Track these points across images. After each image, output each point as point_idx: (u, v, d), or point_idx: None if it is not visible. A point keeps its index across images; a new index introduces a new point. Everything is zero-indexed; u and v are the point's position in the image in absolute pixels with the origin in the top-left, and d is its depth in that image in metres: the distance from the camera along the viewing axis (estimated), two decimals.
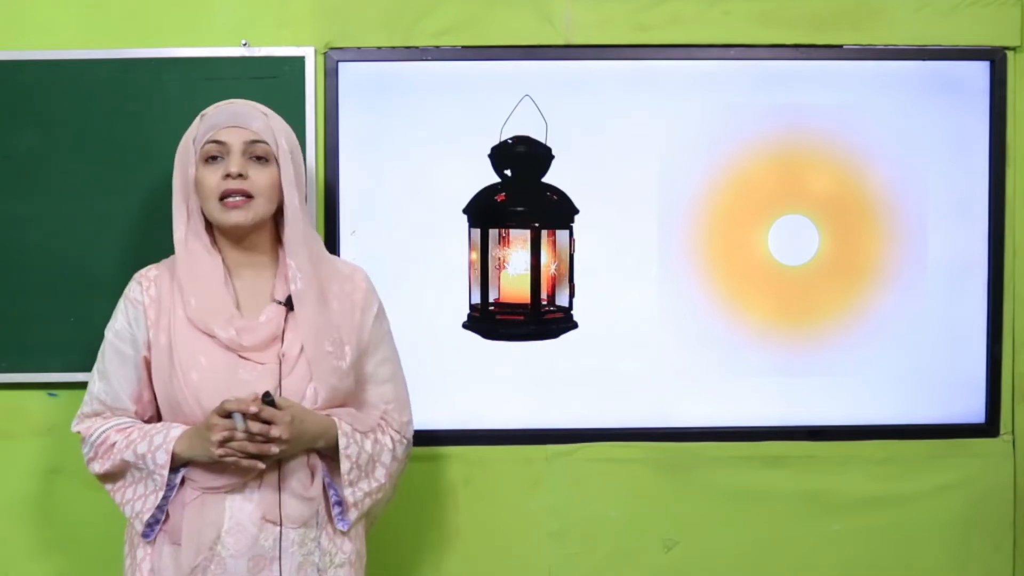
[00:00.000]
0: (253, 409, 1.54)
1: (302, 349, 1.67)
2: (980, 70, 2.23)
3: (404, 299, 2.19)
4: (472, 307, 2.20)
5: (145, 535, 1.66)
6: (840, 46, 2.21)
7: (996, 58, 2.22)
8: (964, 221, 2.24)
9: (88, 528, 2.19)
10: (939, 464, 2.27)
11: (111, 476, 1.69)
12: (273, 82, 2.12)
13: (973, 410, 2.27)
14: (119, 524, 2.16)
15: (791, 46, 2.20)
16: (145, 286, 1.71)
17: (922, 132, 2.22)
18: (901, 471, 2.27)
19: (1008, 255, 2.25)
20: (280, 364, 1.65)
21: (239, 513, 1.63)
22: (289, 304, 1.68)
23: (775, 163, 2.22)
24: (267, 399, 1.57)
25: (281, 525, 1.64)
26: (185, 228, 1.69)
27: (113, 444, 1.67)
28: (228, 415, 1.56)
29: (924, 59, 2.21)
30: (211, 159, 1.67)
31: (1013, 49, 2.23)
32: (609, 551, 2.26)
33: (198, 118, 1.72)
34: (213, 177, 1.66)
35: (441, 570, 2.24)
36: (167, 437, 1.62)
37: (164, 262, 1.76)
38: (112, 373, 1.70)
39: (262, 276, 1.73)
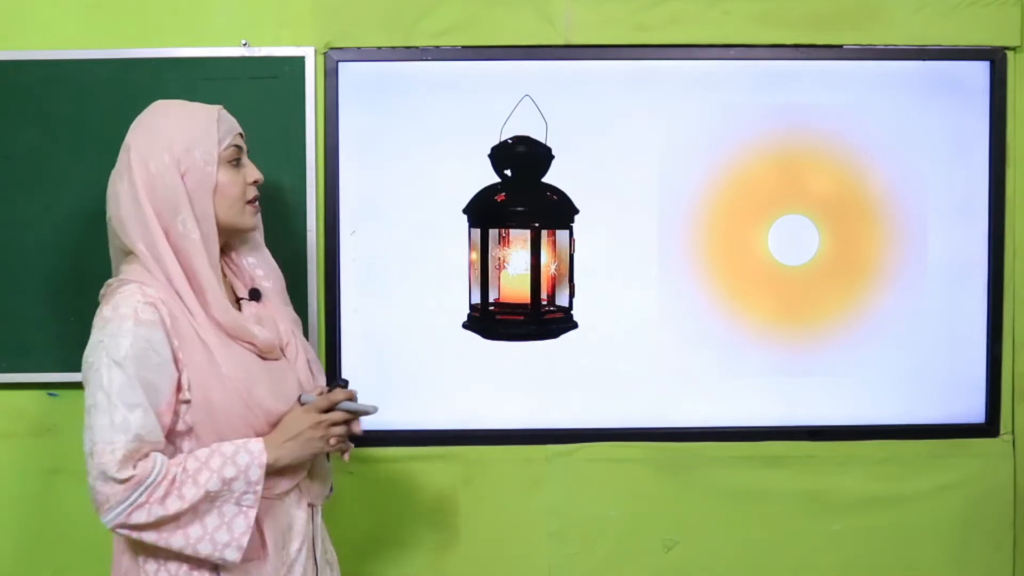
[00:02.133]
0: (353, 392, 1.64)
1: (292, 337, 1.71)
2: (980, 70, 2.23)
3: (404, 299, 2.19)
4: (472, 307, 2.20)
5: (234, 561, 1.52)
6: (840, 46, 2.21)
7: (996, 58, 2.22)
8: (964, 221, 2.24)
9: (88, 528, 2.19)
10: (939, 464, 2.27)
11: (173, 518, 1.48)
12: (273, 82, 2.12)
13: (973, 410, 2.27)
14: None
15: (791, 46, 2.21)
16: (159, 307, 1.52)
17: (922, 132, 2.22)
18: (901, 471, 2.27)
19: (1008, 255, 2.25)
20: (284, 354, 1.68)
21: (293, 507, 1.64)
22: (255, 296, 1.69)
23: (775, 163, 2.22)
24: (342, 382, 1.65)
25: (313, 505, 1.69)
26: (200, 233, 1.56)
27: (174, 479, 1.48)
28: (329, 409, 1.61)
29: (924, 59, 2.21)
30: (233, 162, 1.61)
31: (1013, 49, 2.23)
32: (609, 551, 2.26)
33: (214, 120, 1.59)
34: (239, 181, 1.61)
35: (441, 570, 2.24)
36: (252, 453, 1.52)
37: (144, 280, 1.55)
38: (144, 403, 1.48)
39: (224, 273, 1.69)
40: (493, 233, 2.20)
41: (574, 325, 2.22)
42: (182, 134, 1.57)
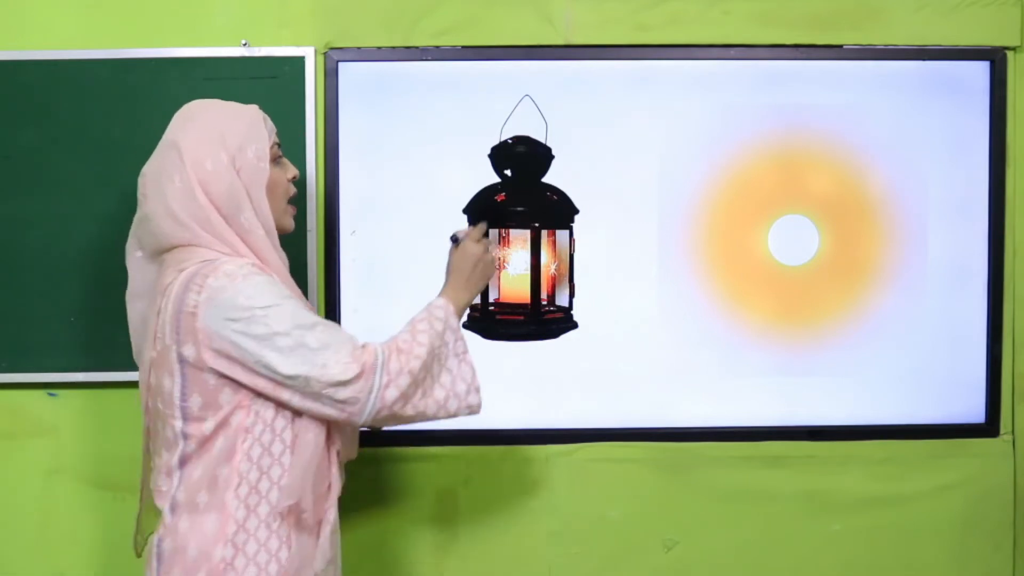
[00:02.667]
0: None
1: None
2: (980, 70, 2.23)
3: (404, 299, 2.18)
4: (472, 307, 2.20)
5: (478, 404, 1.66)
6: (840, 46, 2.21)
7: (996, 58, 2.22)
8: (964, 221, 2.24)
9: (88, 528, 2.19)
10: (939, 464, 2.27)
11: (417, 385, 1.58)
12: (273, 82, 2.12)
13: (973, 410, 2.27)
14: (118, 524, 2.18)
15: (791, 46, 2.21)
16: (264, 270, 1.59)
17: (922, 132, 2.22)
18: (901, 471, 2.27)
19: (1008, 255, 2.25)
20: None
21: (335, 467, 1.67)
22: None
23: (775, 163, 2.22)
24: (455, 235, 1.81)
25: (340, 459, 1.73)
26: (263, 229, 1.61)
27: (399, 350, 1.57)
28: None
29: (924, 59, 2.21)
30: (276, 160, 1.66)
31: (1013, 49, 2.23)
32: (609, 551, 2.26)
33: (260, 119, 1.64)
34: (283, 179, 1.68)
35: (441, 570, 2.24)
36: (442, 307, 1.66)
37: (238, 254, 1.60)
38: (319, 320, 1.57)
39: None
40: (493, 233, 2.19)
41: (574, 325, 2.22)
42: (234, 132, 1.60)
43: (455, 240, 1.77)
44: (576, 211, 2.21)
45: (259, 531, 1.57)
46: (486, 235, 1.81)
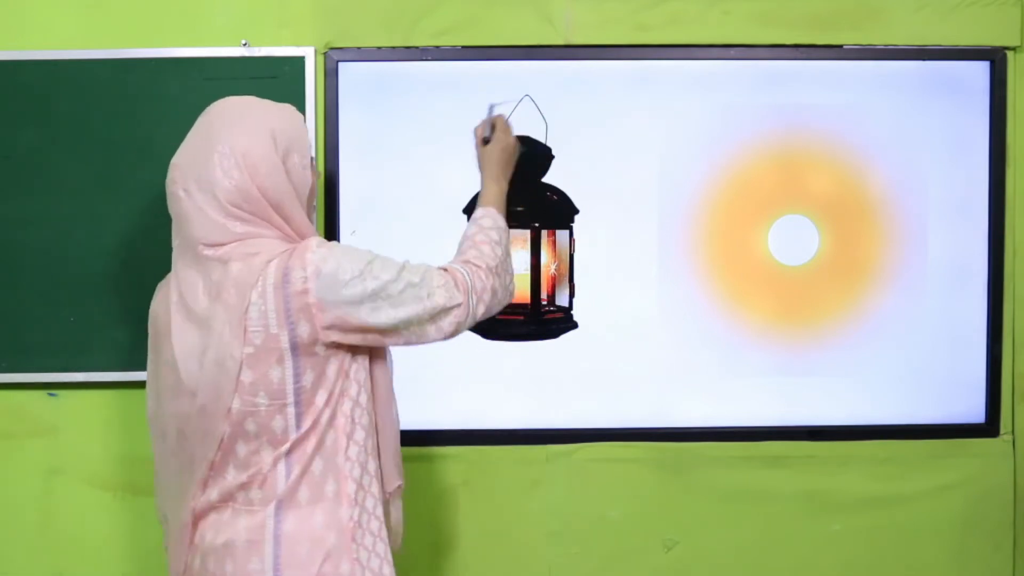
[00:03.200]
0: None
1: None
2: (980, 70, 2.23)
3: None
4: None
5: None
6: (840, 46, 2.21)
7: (996, 58, 2.22)
8: (964, 221, 2.24)
9: (88, 528, 2.19)
10: (939, 464, 2.27)
11: (494, 290, 1.70)
12: (273, 82, 2.12)
13: (973, 410, 2.27)
14: (118, 524, 2.18)
15: (791, 46, 2.21)
16: None
17: (922, 132, 2.22)
18: (901, 471, 2.27)
19: (1008, 255, 2.25)
20: None
21: None
22: None
23: (775, 163, 2.22)
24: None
25: None
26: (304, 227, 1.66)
27: (476, 268, 1.69)
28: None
29: (924, 59, 2.21)
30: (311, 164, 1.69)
31: (1013, 49, 2.23)
32: (609, 551, 2.26)
33: (302, 122, 1.66)
34: (315, 184, 1.70)
35: (441, 570, 2.24)
36: (485, 214, 1.80)
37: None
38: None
39: None
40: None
41: (574, 325, 2.22)
42: (282, 134, 1.61)
43: (487, 140, 1.87)
44: (576, 211, 2.21)
45: (372, 487, 1.64)
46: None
